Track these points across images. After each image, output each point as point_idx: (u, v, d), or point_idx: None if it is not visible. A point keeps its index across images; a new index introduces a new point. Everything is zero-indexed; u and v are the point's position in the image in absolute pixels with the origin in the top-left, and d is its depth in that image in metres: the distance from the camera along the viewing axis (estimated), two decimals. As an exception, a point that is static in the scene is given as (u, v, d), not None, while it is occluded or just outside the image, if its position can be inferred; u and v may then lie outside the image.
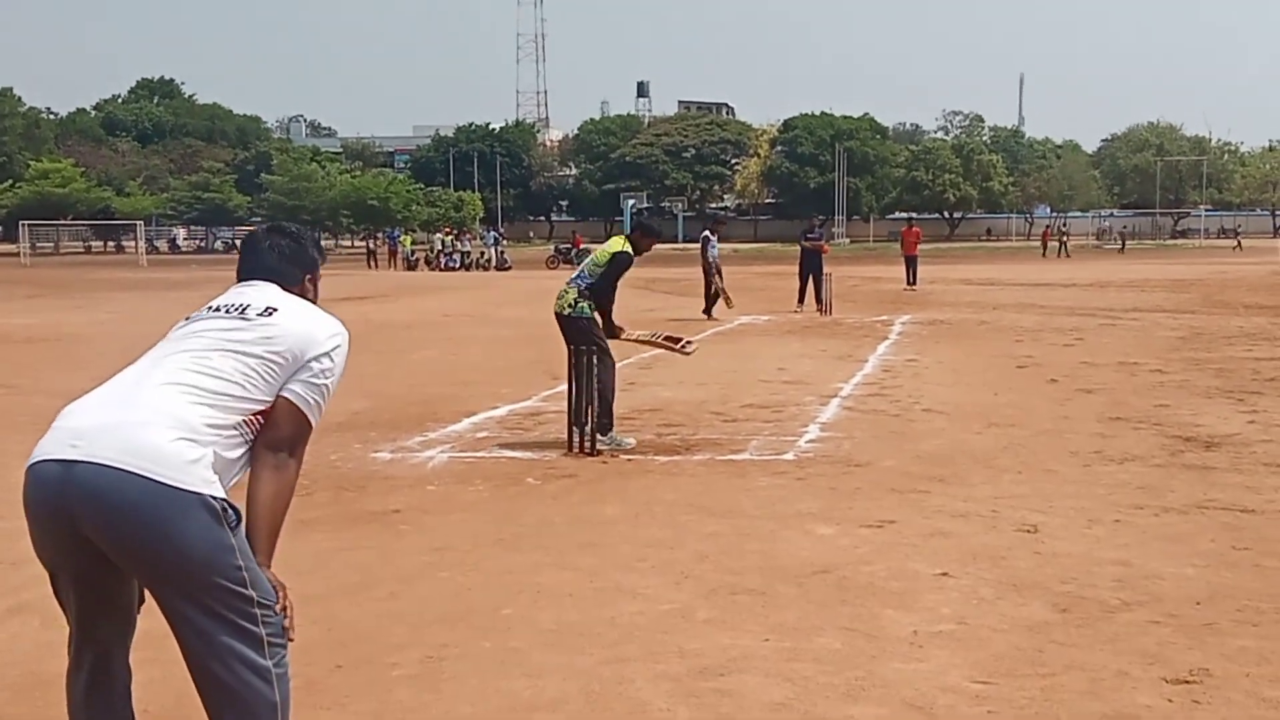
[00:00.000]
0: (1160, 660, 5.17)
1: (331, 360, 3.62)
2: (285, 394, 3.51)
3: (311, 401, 3.56)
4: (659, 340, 11.54)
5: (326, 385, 3.60)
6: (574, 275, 10.85)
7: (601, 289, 10.56)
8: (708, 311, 24.74)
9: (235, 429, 3.42)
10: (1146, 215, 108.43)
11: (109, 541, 3.26)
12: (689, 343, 11.69)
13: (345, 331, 3.71)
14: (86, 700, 3.52)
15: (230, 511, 3.33)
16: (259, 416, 3.48)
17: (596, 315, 10.50)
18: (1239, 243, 79.78)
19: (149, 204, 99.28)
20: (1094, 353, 17.23)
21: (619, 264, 10.63)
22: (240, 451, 3.45)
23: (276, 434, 3.49)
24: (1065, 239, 74.39)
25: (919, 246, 35.76)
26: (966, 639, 5.47)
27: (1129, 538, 7.19)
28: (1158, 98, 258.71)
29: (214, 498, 3.28)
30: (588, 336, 10.32)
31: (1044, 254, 69.71)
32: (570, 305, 10.45)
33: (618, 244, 10.78)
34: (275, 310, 3.61)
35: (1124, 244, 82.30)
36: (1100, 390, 13.38)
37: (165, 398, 3.34)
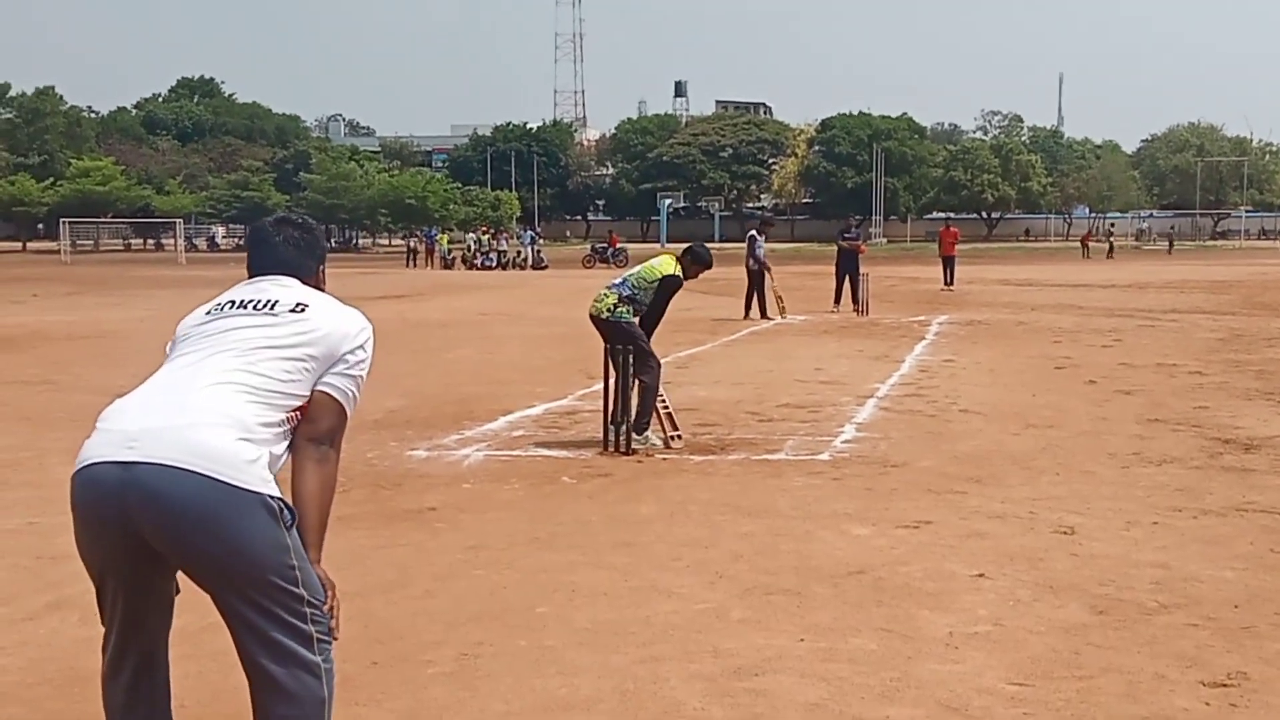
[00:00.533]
0: (1198, 663, 5.13)
1: (365, 352, 3.64)
2: (324, 388, 3.53)
3: (350, 394, 3.59)
4: None
5: (361, 377, 3.63)
6: (616, 281, 10.78)
7: (651, 310, 10.60)
8: (748, 313, 24.63)
9: (281, 425, 3.45)
10: (1186, 216, 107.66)
11: (169, 541, 3.29)
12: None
13: (371, 324, 3.73)
14: (129, 699, 3.53)
15: (286, 511, 3.37)
16: (299, 411, 3.50)
17: (635, 320, 10.50)
18: (1111, 247, 78.36)
19: (188, 202, 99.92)
20: (1133, 354, 17.13)
21: (669, 287, 10.61)
22: (284, 446, 3.48)
23: (318, 427, 3.51)
24: (1112, 240, 73.77)
25: (956, 247, 35.49)
26: (1003, 640, 5.45)
27: (1167, 540, 7.14)
28: (1198, 98, 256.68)
29: (272, 497, 3.32)
30: (629, 336, 10.33)
31: (1085, 255, 68.88)
32: (609, 310, 10.44)
33: (670, 265, 10.68)
34: (307, 306, 3.62)
35: (1171, 244, 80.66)
36: (1139, 392, 13.30)
37: (219, 397, 3.36)
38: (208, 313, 3.68)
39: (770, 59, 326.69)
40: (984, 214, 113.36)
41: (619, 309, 10.43)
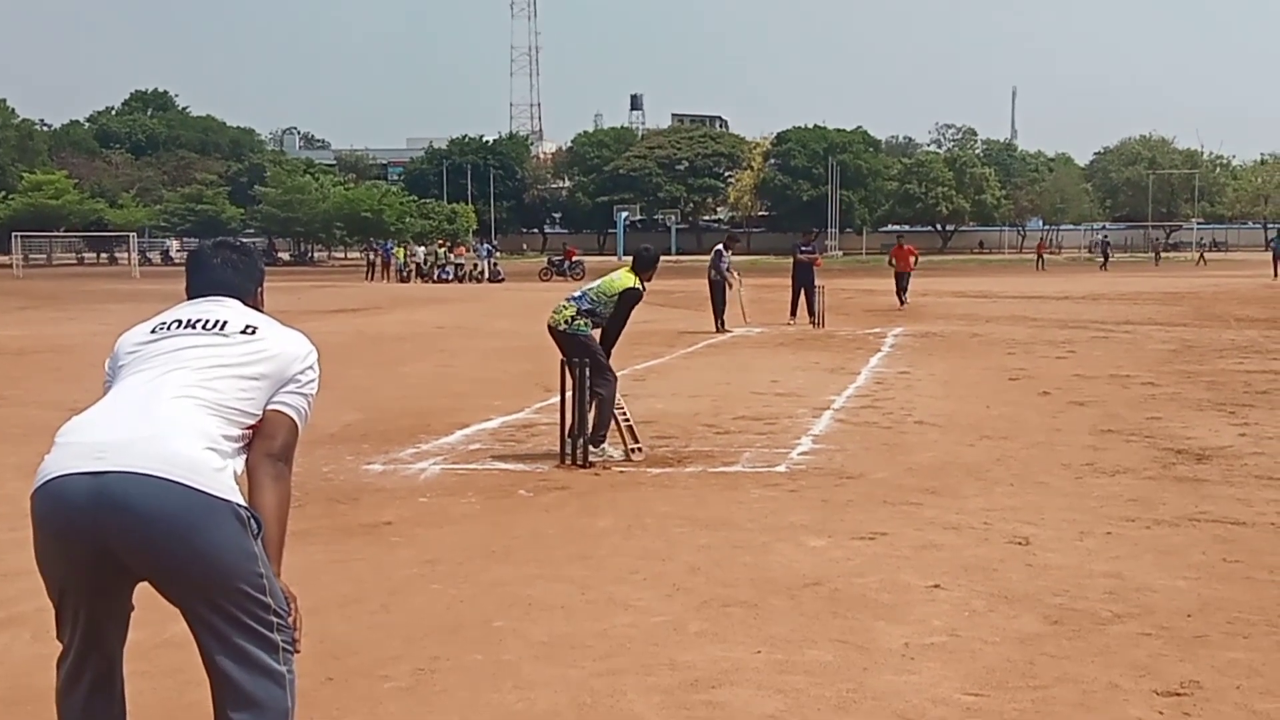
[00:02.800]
0: (1151, 672, 5.17)
1: (314, 372, 3.72)
2: (278, 406, 3.59)
3: (303, 411, 3.66)
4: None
5: (311, 395, 3.70)
6: (575, 294, 10.77)
7: (612, 323, 10.63)
8: (721, 325, 24.64)
9: (238, 440, 3.50)
10: (1139, 228, 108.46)
11: (140, 548, 3.30)
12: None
13: (314, 346, 3.80)
14: (86, 713, 3.53)
15: (254, 521, 3.41)
16: (251, 430, 3.55)
17: (593, 333, 10.51)
18: (1202, 257, 78.57)
19: (142, 216, 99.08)
20: (1086, 365, 17.26)
21: (629, 300, 10.65)
22: (240, 462, 3.52)
23: (274, 444, 3.57)
24: (1109, 250, 73.83)
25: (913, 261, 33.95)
26: (958, 651, 5.48)
27: (1121, 550, 7.20)
28: (1150, 111, 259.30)
29: (241, 506, 3.37)
30: (586, 349, 10.34)
31: (1039, 268, 68.76)
32: (567, 322, 10.45)
33: (629, 280, 10.68)
34: (256, 329, 3.68)
35: (1106, 258, 73.65)
36: (1092, 403, 13.40)
37: (183, 409, 3.40)
38: (153, 331, 3.71)
39: (726, 73, 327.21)
40: (938, 226, 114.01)
41: (577, 321, 10.44)
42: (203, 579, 3.33)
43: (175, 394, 3.43)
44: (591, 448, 10.09)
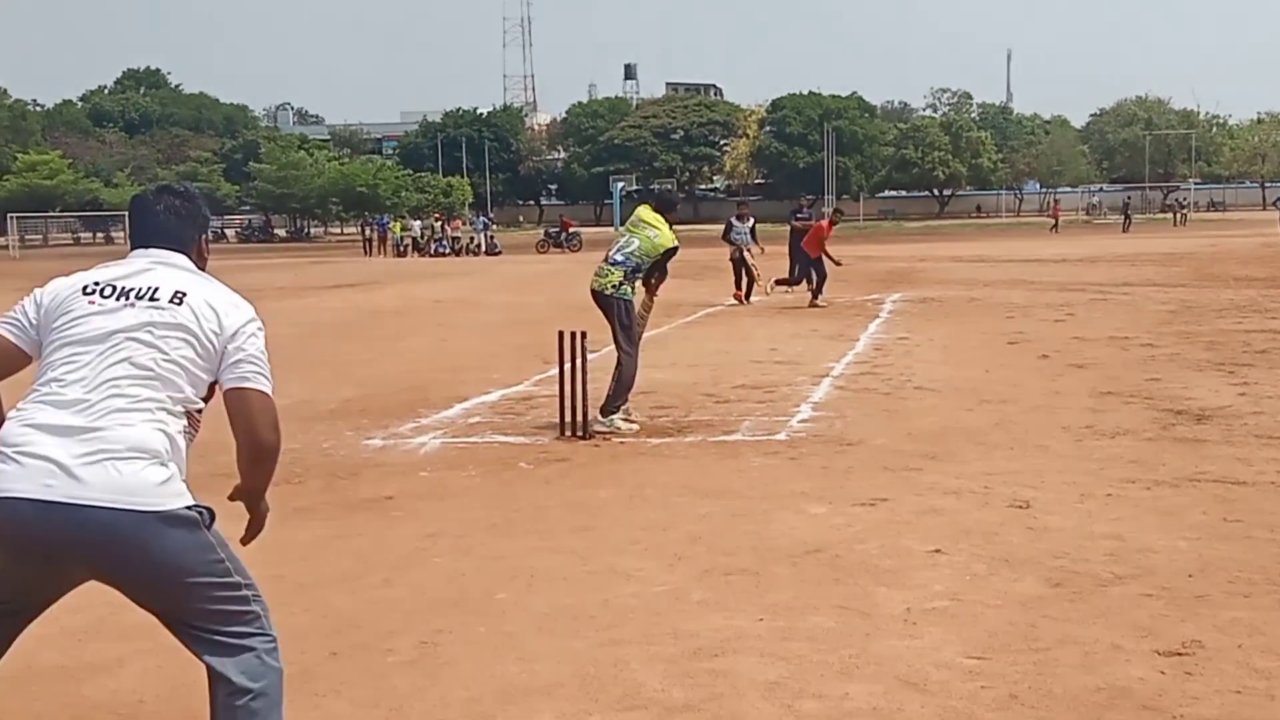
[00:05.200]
0: (1153, 633, 5.18)
1: (257, 335, 3.63)
2: (236, 384, 3.54)
3: (266, 379, 3.59)
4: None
5: (257, 355, 3.59)
6: (617, 257, 10.52)
7: (659, 273, 10.81)
8: (747, 297, 24.18)
9: (184, 425, 3.51)
10: (1136, 189, 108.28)
11: (99, 571, 3.39)
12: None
13: (252, 306, 3.71)
14: None
15: (204, 513, 3.44)
16: (200, 412, 3.58)
17: (634, 299, 10.55)
18: (1184, 216, 77.38)
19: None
20: (1085, 328, 17.26)
21: (671, 254, 10.72)
22: (188, 442, 3.53)
23: (251, 425, 3.54)
24: (1185, 209, 73.72)
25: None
26: (960, 615, 5.49)
27: (1121, 512, 7.21)
28: (1146, 72, 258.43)
29: (187, 508, 3.39)
30: (626, 316, 10.39)
31: (1054, 230, 67.18)
32: (614, 286, 10.38)
33: (669, 237, 10.60)
34: (185, 295, 3.58)
35: (1128, 219, 70.22)
36: (1091, 365, 13.41)
37: (122, 423, 3.37)
38: (87, 293, 3.61)
39: (720, 40, 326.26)
40: (935, 191, 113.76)
41: (624, 286, 10.41)
42: (166, 587, 3.41)
43: (119, 404, 3.39)
44: (600, 417, 10.08)
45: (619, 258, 10.51)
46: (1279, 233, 47.31)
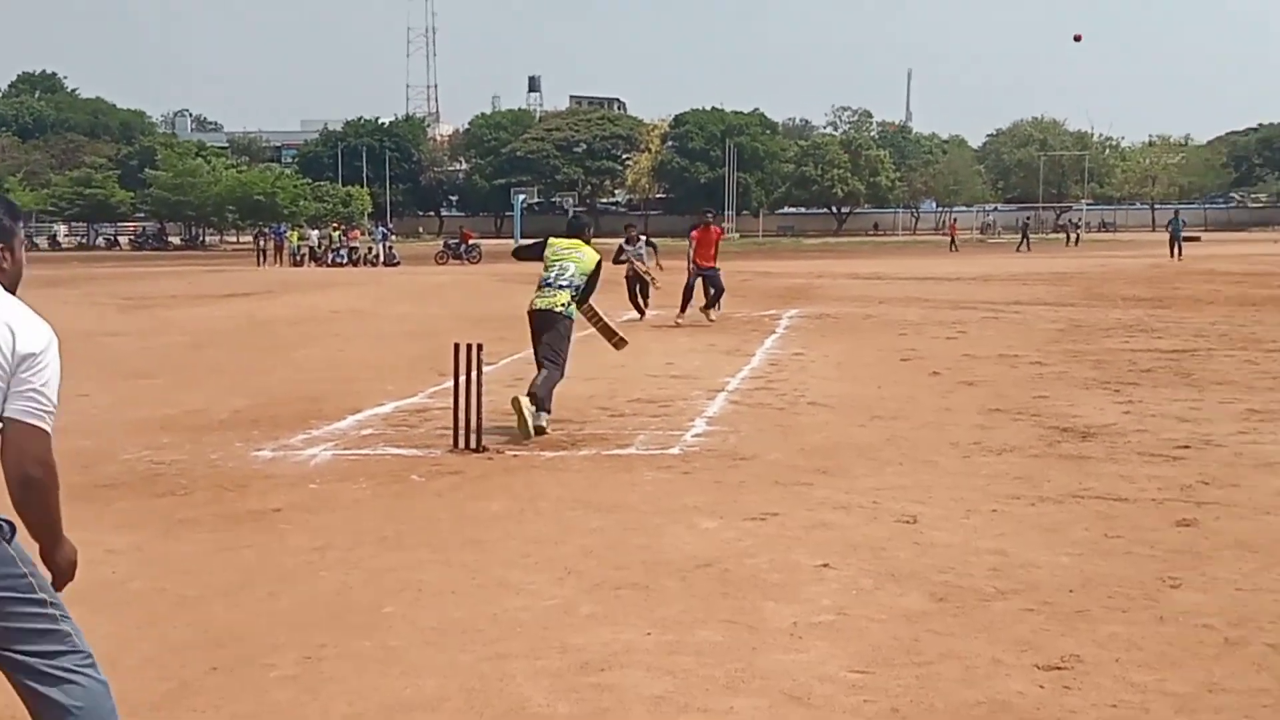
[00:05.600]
0: (1033, 647, 5.26)
1: (48, 366, 3.40)
2: (13, 415, 3.32)
3: (45, 415, 3.37)
4: (602, 324, 12.22)
5: (44, 389, 3.37)
6: (561, 281, 11.09)
7: (590, 289, 11.35)
8: (641, 313, 23.92)
9: None
10: (1030, 209, 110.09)
11: None
12: (622, 340, 12.51)
13: (51, 329, 3.48)
14: None
15: (4, 526, 3.36)
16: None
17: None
18: (1078, 237, 78.53)
19: (29, 200, 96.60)
20: (976, 345, 17.49)
21: (599, 268, 11.49)
22: None
23: (23, 457, 3.32)
24: (1079, 230, 74.74)
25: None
26: (845, 629, 5.54)
27: (1006, 527, 7.32)
28: (1042, 93, 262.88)
29: None
30: (565, 337, 11.01)
31: (952, 249, 67.74)
32: (563, 305, 10.99)
33: (594, 253, 11.47)
34: None
35: (1026, 238, 69.75)
36: (981, 382, 13.60)
37: None
38: None
39: (624, 55, 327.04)
40: (834, 209, 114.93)
41: (569, 306, 11.04)
42: None
43: None
44: (539, 410, 10.45)
45: (563, 282, 11.12)
46: (1169, 254, 48.19)
